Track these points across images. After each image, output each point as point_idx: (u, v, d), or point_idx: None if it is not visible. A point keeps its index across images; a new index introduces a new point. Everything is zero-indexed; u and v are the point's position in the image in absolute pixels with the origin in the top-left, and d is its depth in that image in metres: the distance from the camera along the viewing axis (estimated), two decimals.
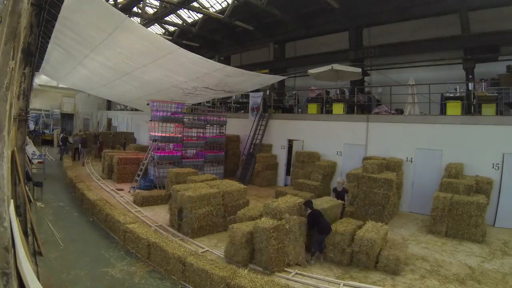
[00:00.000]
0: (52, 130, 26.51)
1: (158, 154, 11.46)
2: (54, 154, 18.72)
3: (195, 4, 14.26)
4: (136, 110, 22.42)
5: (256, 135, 13.56)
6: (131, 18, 13.12)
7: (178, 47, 7.96)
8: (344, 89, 13.41)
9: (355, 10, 12.95)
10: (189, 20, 17.48)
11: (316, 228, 5.85)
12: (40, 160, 13.36)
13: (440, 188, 8.01)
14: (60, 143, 18.24)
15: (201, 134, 13.28)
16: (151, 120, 12.00)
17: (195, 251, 5.62)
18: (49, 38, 9.16)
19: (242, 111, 16.27)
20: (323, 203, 6.68)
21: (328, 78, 12.39)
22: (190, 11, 16.17)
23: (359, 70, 11.72)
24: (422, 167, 9.53)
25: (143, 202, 9.11)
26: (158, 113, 11.75)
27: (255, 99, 14.41)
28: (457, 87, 10.29)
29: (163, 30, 20.23)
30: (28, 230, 5.87)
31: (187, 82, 10.65)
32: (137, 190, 10.36)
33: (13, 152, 5.20)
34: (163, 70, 9.58)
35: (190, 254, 5.16)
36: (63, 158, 16.60)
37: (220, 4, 15.58)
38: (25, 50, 5.78)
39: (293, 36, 16.24)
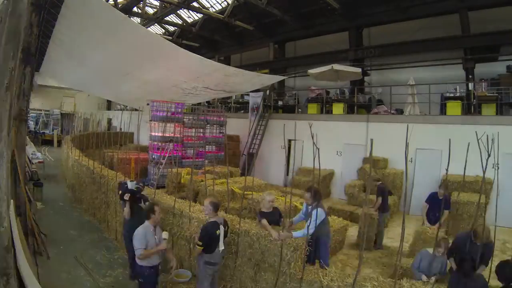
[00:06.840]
0: (52, 130, 26.49)
1: (158, 154, 11.46)
2: (53, 154, 18.69)
3: (195, 4, 14.27)
4: (136, 110, 22.39)
5: (256, 135, 13.56)
6: (131, 18, 13.15)
7: (178, 47, 7.97)
8: (344, 89, 13.40)
9: (355, 10, 12.94)
10: (189, 20, 17.48)
11: None
12: (40, 160, 13.36)
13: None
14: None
15: (201, 134, 13.29)
16: (151, 120, 12.00)
17: None
18: (49, 38, 9.15)
19: (242, 111, 16.26)
20: None
21: (328, 78, 12.37)
22: (190, 11, 16.17)
23: (359, 70, 11.71)
24: (422, 167, 9.52)
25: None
26: (158, 113, 11.74)
27: (255, 99, 14.40)
28: (457, 87, 10.29)
29: (163, 30, 20.23)
30: (28, 230, 5.86)
31: (187, 82, 10.64)
32: None
33: (13, 152, 5.20)
34: (163, 70, 9.58)
35: None
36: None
37: (220, 4, 15.58)
38: (25, 50, 5.76)
39: (293, 36, 16.23)
